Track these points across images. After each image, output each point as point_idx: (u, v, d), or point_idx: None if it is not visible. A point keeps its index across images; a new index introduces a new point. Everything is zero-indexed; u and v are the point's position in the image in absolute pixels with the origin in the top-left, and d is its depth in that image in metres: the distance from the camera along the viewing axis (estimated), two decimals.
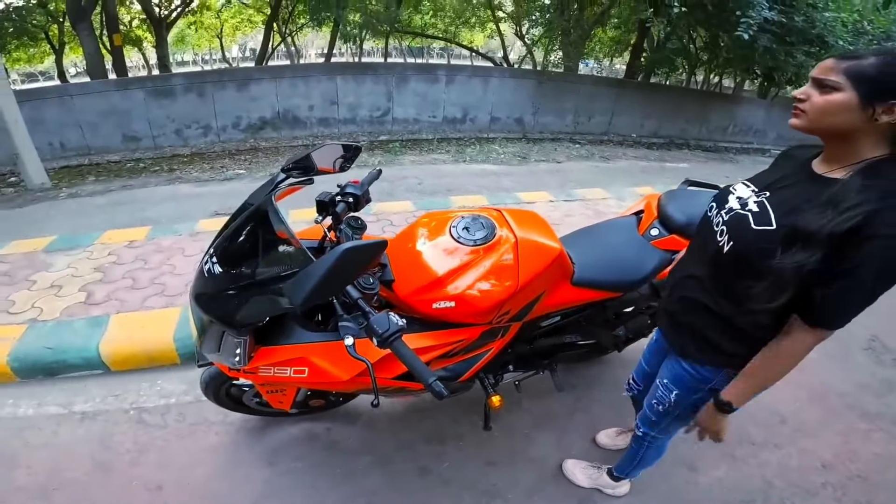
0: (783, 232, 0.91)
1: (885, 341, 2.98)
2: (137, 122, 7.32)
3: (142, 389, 2.12)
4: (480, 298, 1.28)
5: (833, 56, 0.92)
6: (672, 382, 1.28)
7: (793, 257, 0.87)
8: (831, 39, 7.05)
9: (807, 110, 0.93)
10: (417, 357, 0.96)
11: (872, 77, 0.86)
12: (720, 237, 1.05)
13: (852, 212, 0.83)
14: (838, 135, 0.93)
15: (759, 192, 1.04)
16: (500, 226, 1.40)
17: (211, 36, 19.64)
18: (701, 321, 1.13)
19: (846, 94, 0.87)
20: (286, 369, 1.22)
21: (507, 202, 4.24)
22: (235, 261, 1.17)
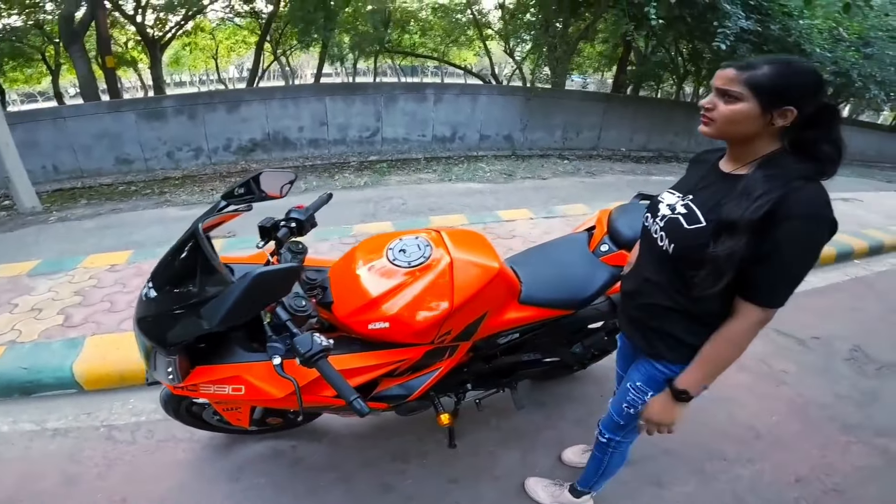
0: (712, 227, 1.01)
1: (867, 351, 2.96)
2: (129, 145, 7.41)
3: (114, 408, 2.17)
4: (415, 319, 1.31)
5: (731, 66, 1.00)
6: (646, 384, 1.31)
7: (723, 245, 0.97)
8: (808, 47, 7.13)
9: (715, 119, 1.02)
10: (341, 376, 1.01)
11: (769, 87, 0.95)
12: (661, 242, 1.14)
13: (763, 199, 0.94)
14: (742, 138, 1.04)
15: (683, 196, 1.15)
16: (436, 247, 1.43)
17: (207, 57, 19.89)
18: (667, 322, 1.19)
19: (748, 104, 0.97)
20: (225, 387, 1.27)
21: (487, 221, 4.29)
22: (168, 286, 1.23)
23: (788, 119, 0.97)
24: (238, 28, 15.29)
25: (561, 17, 9.25)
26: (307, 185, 6.19)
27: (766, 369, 2.67)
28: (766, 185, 0.95)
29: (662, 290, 1.18)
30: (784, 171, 0.97)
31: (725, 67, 1.02)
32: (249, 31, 14.73)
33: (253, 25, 13.77)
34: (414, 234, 1.50)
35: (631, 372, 1.37)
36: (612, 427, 1.49)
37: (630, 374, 1.37)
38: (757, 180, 0.97)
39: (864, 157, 14.16)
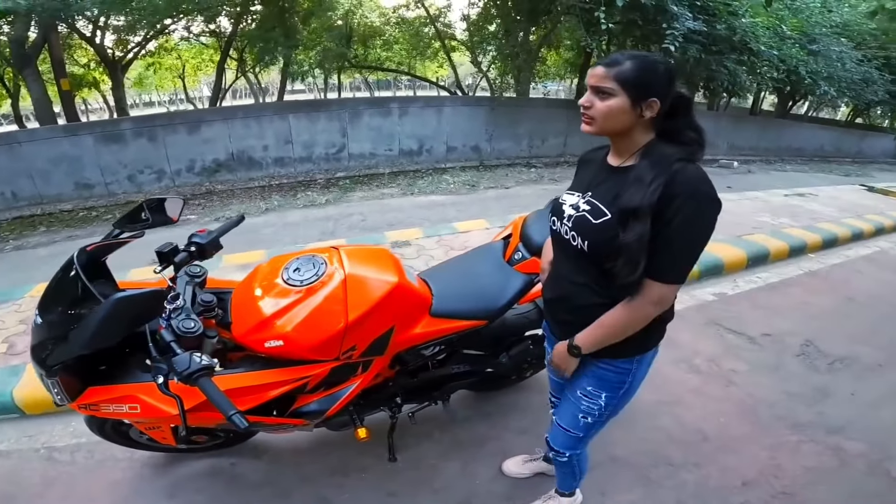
0: (617, 217, 1.07)
1: (819, 345, 2.98)
2: (89, 169, 7.26)
3: (55, 430, 2.19)
4: (308, 336, 1.33)
5: (600, 64, 1.07)
6: (597, 387, 1.31)
7: (632, 232, 1.02)
8: (755, 45, 7.34)
9: (595, 116, 1.08)
10: (221, 393, 1.05)
11: (634, 80, 1.03)
12: (574, 241, 1.17)
13: (655, 184, 1.01)
14: (621, 132, 1.11)
15: (582, 194, 1.19)
16: (331, 264, 1.45)
17: (173, 76, 19.66)
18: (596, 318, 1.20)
19: (620, 98, 1.05)
20: (122, 406, 1.31)
21: (442, 233, 4.29)
22: (50, 312, 1.27)
23: (654, 110, 1.06)
24: (204, 47, 15.15)
25: (521, 25, 9.40)
26: (268, 206, 6.11)
27: (715, 369, 2.68)
28: (653, 172, 1.03)
29: (589, 289, 1.20)
30: (663, 156, 1.05)
31: (595, 66, 1.09)
32: (215, 49, 14.61)
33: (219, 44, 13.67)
34: (312, 253, 1.52)
35: (575, 380, 1.36)
36: (571, 444, 1.46)
37: (575, 383, 1.36)
38: (645, 168, 1.05)
39: (822, 153, 14.66)
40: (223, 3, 9.60)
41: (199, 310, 1.34)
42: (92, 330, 1.06)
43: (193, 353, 1.07)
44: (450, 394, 1.97)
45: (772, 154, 13.02)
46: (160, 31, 11.00)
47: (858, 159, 15.10)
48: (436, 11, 12.47)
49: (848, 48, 9.92)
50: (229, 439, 2.00)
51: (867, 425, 2.33)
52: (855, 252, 4.84)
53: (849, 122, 19.05)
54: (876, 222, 5.58)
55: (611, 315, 1.15)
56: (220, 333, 1.40)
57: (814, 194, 6.88)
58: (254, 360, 1.41)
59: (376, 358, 1.53)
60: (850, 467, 2.08)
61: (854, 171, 11.95)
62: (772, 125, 14.08)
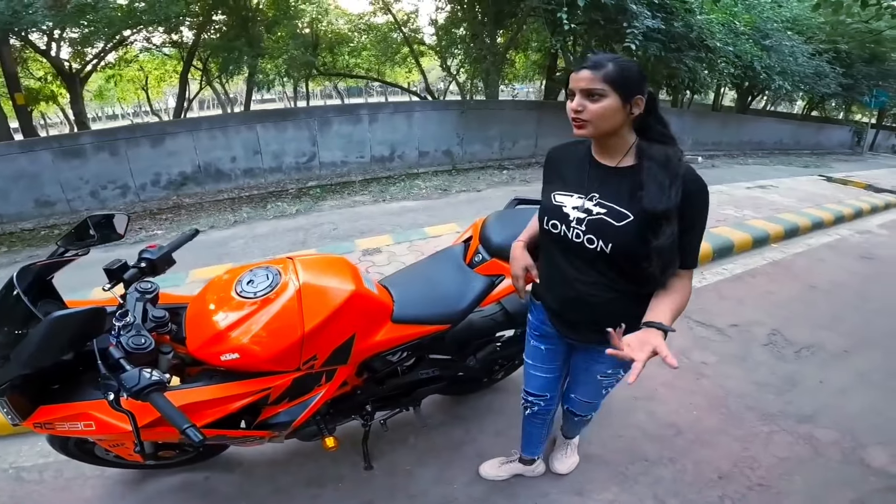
0: (639, 218, 1.12)
1: (785, 334, 3.07)
2: (49, 186, 6.98)
3: (22, 451, 2.15)
4: (264, 347, 1.32)
5: (584, 68, 1.11)
6: (616, 367, 1.42)
7: (664, 235, 1.09)
8: (711, 42, 7.53)
9: (590, 119, 1.11)
10: (174, 408, 1.04)
11: (621, 80, 1.08)
12: (592, 244, 1.19)
13: (675, 186, 1.08)
14: (612, 132, 1.15)
15: (586, 196, 1.22)
16: (285, 274, 1.44)
17: (136, 88, 19.17)
18: (621, 309, 1.25)
19: (612, 99, 1.09)
20: (77, 423, 1.30)
21: (413, 238, 4.28)
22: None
23: (641, 107, 1.13)
24: (166, 57, 14.81)
25: (488, 28, 9.48)
26: (237, 218, 5.98)
27: (686, 362, 2.72)
28: (667, 174, 1.09)
29: (602, 286, 1.25)
30: (666, 157, 1.12)
31: (579, 70, 1.12)
32: (178, 60, 14.30)
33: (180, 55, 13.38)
34: (266, 264, 1.51)
35: (590, 367, 1.46)
36: (590, 408, 1.66)
37: (591, 369, 1.47)
38: (657, 170, 1.11)
39: (782, 146, 15.18)
40: (184, 13, 9.40)
41: (150, 326, 1.31)
42: (31, 350, 1.06)
43: (143, 369, 1.05)
44: (420, 399, 1.97)
45: (734, 148, 13.42)
46: (119, 42, 10.70)
47: (816, 151, 15.68)
48: (403, 17, 12.48)
49: (799, 42, 10.29)
50: (200, 454, 1.96)
51: (837, 413, 2.39)
52: (816, 240, 5.02)
53: (805, 116, 19.82)
54: (835, 211, 5.80)
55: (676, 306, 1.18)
56: (176, 349, 1.38)
57: (775, 186, 7.11)
58: (212, 373, 1.39)
59: (340, 367, 1.52)
60: (824, 456, 2.12)
61: (813, 162, 12.41)
62: (732, 120, 14.52)
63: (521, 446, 1.88)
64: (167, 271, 1.54)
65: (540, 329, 1.54)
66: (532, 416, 1.72)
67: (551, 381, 1.60)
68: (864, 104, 15.43)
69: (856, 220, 5.96)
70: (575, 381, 1.59)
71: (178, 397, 1.27)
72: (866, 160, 14.45)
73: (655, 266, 1.12)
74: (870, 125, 17.08)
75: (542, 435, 1.80)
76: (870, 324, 3.28)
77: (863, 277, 4.09)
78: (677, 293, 1.18)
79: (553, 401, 1.66)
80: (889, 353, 2.94)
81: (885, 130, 19.90)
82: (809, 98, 17.12)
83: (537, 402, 1.65)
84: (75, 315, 1.08)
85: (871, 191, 7.51)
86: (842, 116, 20.12)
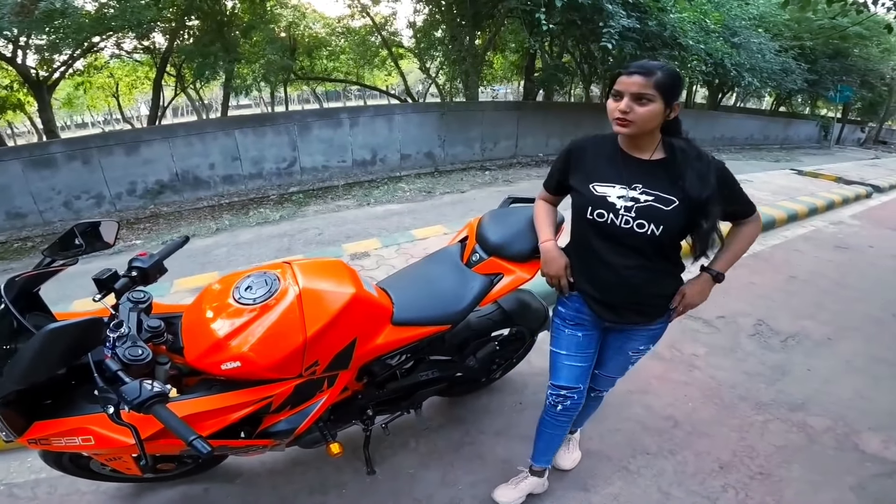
0: (685, 203, 1.27)
1: (770, 324, 3.12)
2: (20, 197, 6.79)
3: (12, 468, 2.09)
4: (266, 354, 1.29)
5: (636, 73, 1.21)
6: (648, 343, 1.56)
7: (711, 217, 1.29)
8: (683, 40, 7.71)
9: (634, 120, 1.23)
10: (178, 419, 1.02)
11: (669, 87, 1.21)
12: (642, 228, 1.30)
13: (710, 175, 1.26)
14: (650, 131, 1.28)
15: (630, 186, 1.33)
16: (284, 280, 1.41)
17: (106, 95, 18.68)
18: (661, 288, 1.44)
19: (658, 104, 1.21)
20: (74, 438, 1.25)
21: (400, 241, 4.25)
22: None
23: (678, 111, 1.27)
24: (138, 64, 14.46)
25: (466, 30, 9.51)
26: (219, 226, 5.88)
27: (677, 355, 2.76)
28: (701, 164, 1.26)
29: (645, 269, 1.37)
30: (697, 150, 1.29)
31: (631, 75, 1.22)
32: (150, 66, 13.97)
33: (152, 62, 13.09)
34: (263, 269, 1.47)
35: (623, 345, 1.57)
36: (612, 383, 1.75)
37: (624, 347, 1.57)
38: (692, 163, 1.27)
39: (753, 141, 15.60)
40: (156, 18, 9.19)
41: (146, 336, 1.26)
42: (25, 364, 1.01)
43: (144, 381, 1.02)
44: (421, 402, 1.95)
45: (707, 144, 13.73)
46: (88, 49, 10.38)
47: (786, 145, 16.16)
48: (381, 20, 12.44)
49: (766, 39, 10.58)
50: (199, 465, 1.91)
51: (827, 399, 2.44)
52: (792, 232, 5.16)
53: (773, 111, 20.38)
54: (809, 203, 5.96)
55: (740, 241, 1.43)
56: (173, 359, 1.34)
57: (749, 180, 7.29)
58: (211, 383, 1.35)
59: (341, 372, 1.50)
60: (819, 443, 2.16)
61: (783, 156, 12.77)
62: (704, 117, 14.88)
63: (534, 455, 1.80)
64: (158, 280, 1.50)
65: (576, 318, 1.56)
66: (562, 412, 1.64)
67: (585, 370, 1.59)
68: (829, 99, 15.94)
69: (828, 211, 6.13)
70: (605, 357, 1.65)
71: (179, 408, 1.22)
72: (834, 153, 14.92)
73: (703, 244, 1.32)
74: (835, 119, 17.66)
75: (562, 438, 1.76)
76: (849, 311, 3.37)
77: (839, 266, 4.21)
78: (741, 241, 1.43)
79: (583, 394, 1.62)
80: (870, 338, 3.03)
81: (850, 124, 20.62)
82: (777, 94, 17.64)
83: (570, 394, 1.60)
84: (72, 326, 1.03)
85: (841, 183, 7.73)
86: (808, 111, 20.76)
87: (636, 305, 1.46)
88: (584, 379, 1.60)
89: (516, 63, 15.35)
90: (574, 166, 1.45)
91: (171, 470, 1.87)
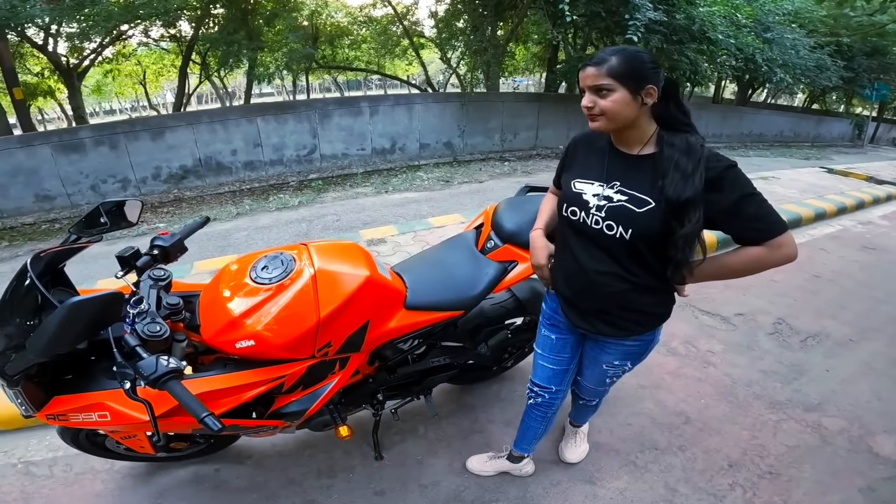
0: (662, 206, 1.12)
1: (791, 323, 3.07)
2: (49, 180, 6.96)
3: (30, 445, 2.14)
4: (280, 334, 1.31)
5: (589, 65, 1.13)
6: (623, 359, 1.44)
7: (689, 222, 1.10)
8: (713, 34, 7.49)
9: (601, 114, 1.14)
10: (192, 395, 1.03)
11: (627, 72, 1.09)
12: (611, 230, 1.20)
13: (698, 171, 1.09)
14: (629, 124, 1.16)
15: (607, 184, 1.23)
16: (300, 261, 1.43)
17: (134, 83, 19.07)
18: (632, 302, 1.29)
19: (620, 93, 1.10)
20: (91, 414, 1.28)
21: (417, 228, 4.27)
22: (6, 321, 1.21)
23: (654, 96, 1.12)
24: (164, 52, 14.71)
25: (488, 20, 9.42)
26: (239, 210, 5.97)
27: (693, 351, 2.73)
28: (689, 160, 1.10)
29: (618, 277, 1.25)
30: (688, 144, 1.12)
31: (584, 68, 1.14)
32: (176, 54, 14.20)
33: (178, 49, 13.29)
34: (279, 250, 1.49)
35: (598, 356, 1.48)
36: (598, 394, 1.69)
37: (598, 358, 1.48)
38: (678, 158, 1.11)
39: (782, 138, 15.17)
40: (182, 6, 9.32)
41: (164, 313, 1.29)
42: (47, 337, 1.02)
43: (160, 357, 1.04)
44: (431, 388, 1.96)
45: (734, 140, 13.41)
46: (116, 37, 10.61)
47: (817, 143, 15.66)
48: (403, 9, 12.39)
49: (801, 35, 10.24)
50: (211, 445, 1.96)
51: (844, 401, 2.39)
52: (819, 231, 5.02)
53: (806, 108, 19.77)
54: (837, 202, 5.79)
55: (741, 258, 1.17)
56: (190, 337, 1.36)
57: (776, 177, 7.11)
58: (226, 362, 1.37)
59: (353, 354, 1.51)
60: (832, 444, 2.12)
61: (813, 154, 12.38)
62: (733, 113, 14.49)
63: (515, 440, 1.85)
64: (178, 259, 1.53)
65: (552, 318, 1.54)
66: (534, 406, 1.68)
67: (558, 373, 1.57)
68: (864, 97, 15.38)
69: (858, 211, 5.95)
70: (583, 366, 1.59)
71: (193, 386, 1.25)
72: (867, 153, 14.42)
73: (680, 253, 1.13)
74: (870, 118, 17.04)
75: (538, 431, 1.75)
76: (873, 312, 3.28)
77: (865, 267, 4.09)
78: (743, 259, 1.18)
79: (558, 395, 1.62)
80: (893, 340, 2.95)
81: (885, 123, 19.86)
82: (810, 91, 17.08)
83: (542, 393, 1.62)
84: (94, 300, 1.04)
85: (872, 182, 7.49)
86: (842, 109, 20.08)
87: (605, 315, 1.34)
88: (556, 381, 1.59)
89: (538, 55, 15.13)
90: (569, 161, 1.39)
91: (183, 449, 1.91)
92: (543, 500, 1.83)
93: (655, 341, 1.44)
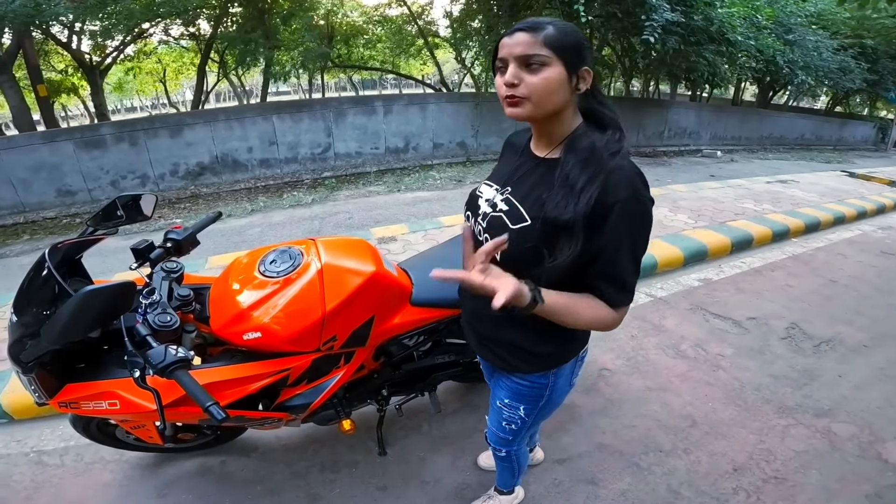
0: (538, 225, 0.91)
1: (804, 328, 3.03)
2: (70, 176, 7.13)
3: (43, 434, 2.20)
4: (286, 326, 1.34)
5: (520, 30, 0.87)
6: (514, 400, 1.23)
7: (562, 253, 0.88)
8: (732, 35, 7.39)
9: (527, 95, 0.88)
10: (198, 385, 1.05)
11: (568, 45, 0.86)
12: None
13: (587, 191, 0.86)
14: (555, 112, 0.92)
15: (501, 189, 1.03)
16: (307, 255, 1.46)
17: (154, 81, 19.42)
18: (514, 335, 1.10)
19: (556, 68, 0.86)
20: (101, 402, 1.31)
21: (427, 227, 4.30)
22: (25, 310, 1.26)
23: (588, 81, 0.91)
24: (184, 50, 14.97)
25: (503, 21, 9.39)
26: (254, 207, 6.06)
27: (702, 354, 2.70)
28: (583, 174, 0.87)
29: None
30: (592, 151, 0.90)
31: (513, 34, 0.88)
32: (195, 52, 14.44)
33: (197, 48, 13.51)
34: (288, 245, 1.52)
35: (495, 389, 1.31)
36: (503, 442, 1.41)
37: (495, 392, 1.31)
38: (573, 168, 0.89)
39: (803, 141, 14.86)
40: (201, 5, 9.48)
41: (175, 304, 1.33)
42: (62, 324, 1.05)
43: (169, 346, 1.07)
44: (435, 385, 1.98)
45: (754, 143, 13.18)
46: (138, 35, 10.84)
47: (839, 147, 15.33)
48: (418, 9, 12.42)
49: (823, 37, 10.05)
50: (217, 438, 2.00)
51: (855, 407, 2.35)
52: (838, 235, 4.93)
53: (828, 111, 19.35)
54: (857, 206, 5.68)
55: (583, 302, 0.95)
56: (200, 328, 1.40)
57: (795, 181, 6.99)
58: (233, 353, 1.41)
59: (358, 349, 1.53)
60: (841, 450, 2.09)
61: (835, 158, 12.14)
62: (753, 115, 14.25)
63: None
64: (191, 252, 1.57)
65: None
66: None
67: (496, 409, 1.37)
68: (889, 100, 15.02)
69: (878, 215, 5.84)
70: None
71: (201, 376, 1.29)
72: (890, 156, 14.09)
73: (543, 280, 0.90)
74: (894, 121, 16.63)
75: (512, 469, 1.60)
76: (890, 318, 3.21)
77: (883, 272, 4.01)
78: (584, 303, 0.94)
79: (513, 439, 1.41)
80: None
81: None
82: (833, 94, 16.72)
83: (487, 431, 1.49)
84: (106, 290, 1.08)
85: (894, 187, 7.33)
86: (866, 112, 19.62)
87: (489, 343, 1.16)
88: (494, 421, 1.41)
89: None
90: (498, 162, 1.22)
91: (190, 440, 1.95)
92: (545, 499, 1.83)
93: (558, 387, 1.20)
